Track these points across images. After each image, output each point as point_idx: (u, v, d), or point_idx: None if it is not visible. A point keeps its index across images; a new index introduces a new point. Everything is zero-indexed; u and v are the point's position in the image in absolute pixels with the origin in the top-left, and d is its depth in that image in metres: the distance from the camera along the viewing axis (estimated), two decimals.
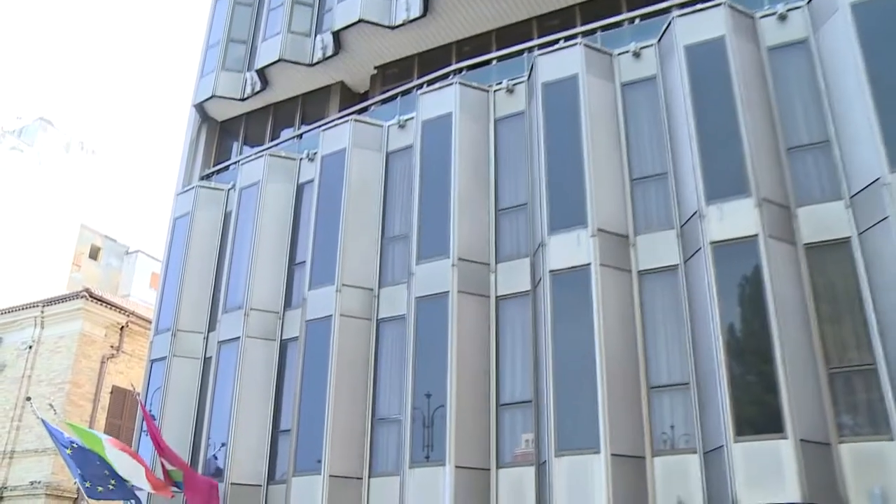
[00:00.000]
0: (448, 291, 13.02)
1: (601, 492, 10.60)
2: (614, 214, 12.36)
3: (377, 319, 14.37)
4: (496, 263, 13.47)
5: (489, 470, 12.16)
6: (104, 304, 23.11)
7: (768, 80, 12.21)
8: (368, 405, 13.76)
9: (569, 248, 12.13)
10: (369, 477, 13.34)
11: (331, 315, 14.27)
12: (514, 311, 12.97)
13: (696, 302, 11.22)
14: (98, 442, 15.21)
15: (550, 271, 12.14)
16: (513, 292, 13.08)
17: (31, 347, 23.14)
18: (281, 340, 15.66)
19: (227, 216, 18.10)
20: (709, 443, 10.56)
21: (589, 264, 11.87)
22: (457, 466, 11.82)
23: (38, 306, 23.49)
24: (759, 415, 10.11)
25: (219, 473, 14.89)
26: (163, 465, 14.65)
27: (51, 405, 19.28)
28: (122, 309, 23.62)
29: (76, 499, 21.09)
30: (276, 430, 15.01)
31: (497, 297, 13.17)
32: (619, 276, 11.93)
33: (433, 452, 12.27)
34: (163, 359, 17.23)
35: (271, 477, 14.73)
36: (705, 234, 11.16)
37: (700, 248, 11.20)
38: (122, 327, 23.50)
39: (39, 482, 20.90)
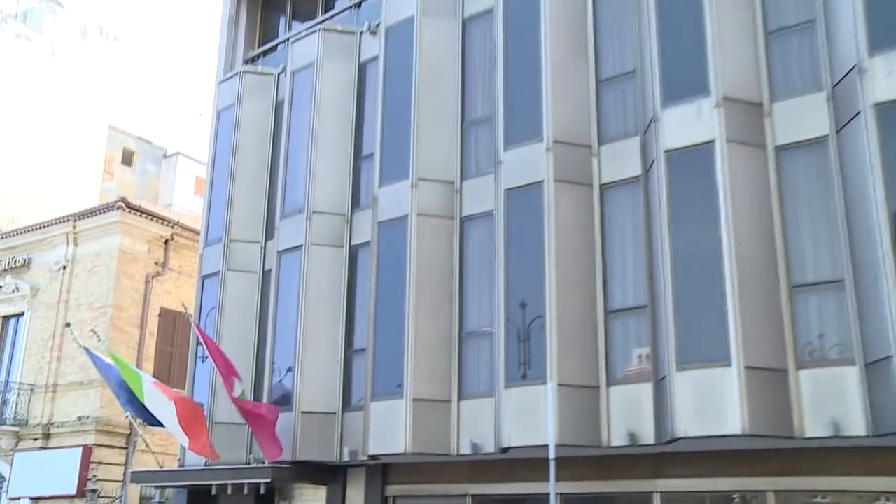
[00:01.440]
0: (543, 181, 13.04)
1: (734, 411, 10.60)
2: (744, 78, 11.99)
3: (460, 217, 14.57)
4: (599, 145, 13.37)
5: (598, 388, 12.38)
6: (144, 216, 23.99)
7: None
8: (454, 318, 14.09)
9: (688, 123, 11.90)
10: (459, 399, 13.78)
11: (406, 215, 14.53)
12: (623, 200, 12.93)
13: (852, 182, 10.90)
14: (137, 380, 16.15)
15: (666, 151, 11.98)
16: (620, 179, 13.01)
17: (65, 268, 24.34)
18: (350, 247, 16.07)
19: (278, 105, 18.38)
20: (871, 353, 10.38)
21: (713, 141, 11.63)
22: (560, 385, 12.05)
23: (68, 221, 24.54)
24: None
25: (286, 401, 15.62)
26: (230, 393, 15.41)
27: (93, 331, 20.35)
28: (164, 220, 24.48)
29: (129, 434, 22.51)
30: (349, 351, 15.58)
31: (601, 185, 13.14)
32: (751, 153, 11.66)
33: (531, 370, 12.52)
34: (215, 274, 17.93)
35: (346, 403, 15.39)
36: (866, 95, 10.67)
37: (859, 113, 10.77)
38: (167, 241, 24.43)
39: (88, 417, 22.32)
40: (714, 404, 10.81)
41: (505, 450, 12.64)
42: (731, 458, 11.87)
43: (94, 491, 20.79)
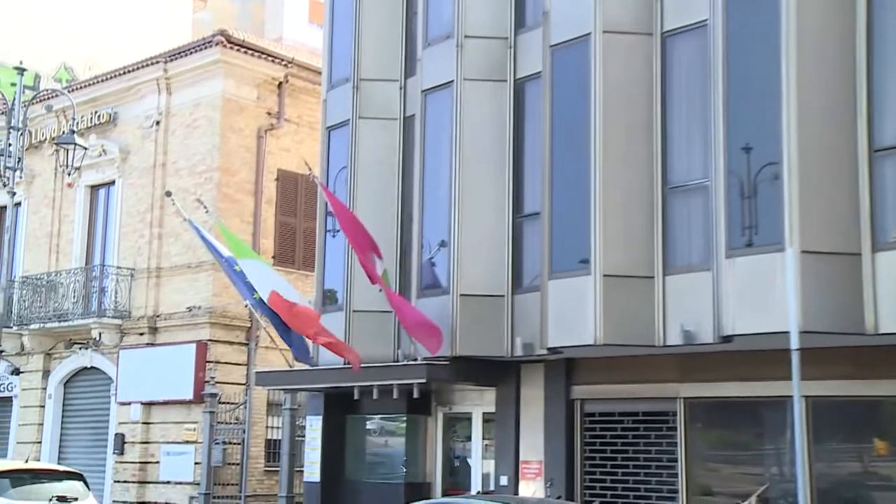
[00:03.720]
0: None
1: None
2: None
3: (661, 33, 14.24)
4: None
5: (858, 255, 11.97)
6: (250, 52, 24.19)
7: None
8: (656, 168, 13.91)
9: None
10: (664, 274, 13.70)
11: (588, 34, 14.20)
12: None
13: None
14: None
15: None
16: None
17: (158, 123, 25.05)
18: (514, 80, 16.00)
19: None
20: None
21: None
22: (804, 252, 11.73)
23: (157, 63, 25.06)
24: None
25: (439, 284, 15.90)
26: (365, 268, 15.72)
27: (199, 201, 20.95)
28: (276, 57, 24.67)
29: (249, 328, 23.43)
30: (517, 216, 15.67)
31: None
32: None
33: (760, 234, 12.32)
34: (344, 123, 18.14)
35: (517, 284, 15.58)
36: None
37: None
38: (280, 84, 24.70)
39: (199, 307, 23.31)
40: None
41: (727, 338, 12.56)
42: None
43: (213, 395, 21.61)
